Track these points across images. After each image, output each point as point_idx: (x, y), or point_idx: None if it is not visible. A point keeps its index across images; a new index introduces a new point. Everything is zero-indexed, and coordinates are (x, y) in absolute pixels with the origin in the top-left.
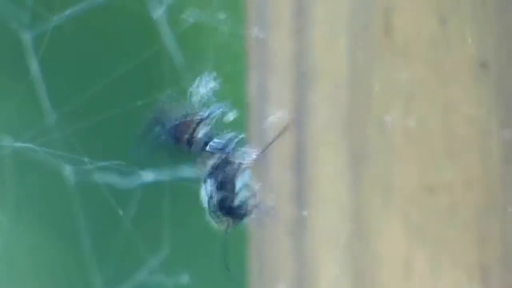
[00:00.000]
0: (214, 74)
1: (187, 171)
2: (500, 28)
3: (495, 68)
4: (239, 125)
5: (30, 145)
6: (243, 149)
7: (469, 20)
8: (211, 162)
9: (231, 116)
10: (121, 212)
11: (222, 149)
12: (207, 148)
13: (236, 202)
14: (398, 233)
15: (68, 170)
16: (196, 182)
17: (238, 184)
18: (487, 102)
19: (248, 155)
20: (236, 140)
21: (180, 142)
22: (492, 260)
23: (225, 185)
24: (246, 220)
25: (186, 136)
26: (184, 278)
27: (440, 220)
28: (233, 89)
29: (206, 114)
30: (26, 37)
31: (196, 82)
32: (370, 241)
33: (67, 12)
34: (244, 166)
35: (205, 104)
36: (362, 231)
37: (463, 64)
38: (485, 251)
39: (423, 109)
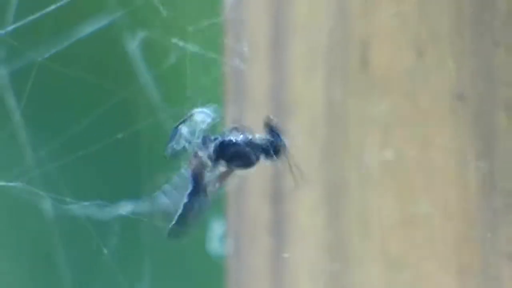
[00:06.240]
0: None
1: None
2: (476, 60)
3: (472, 99)
4: None
5: (10, 184)
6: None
7: (446, 52)
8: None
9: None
10: (105, 251)
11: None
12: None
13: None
14: (377, 265)
15: (47, 205)
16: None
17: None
18: (464, 134)
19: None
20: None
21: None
22: None
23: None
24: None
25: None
26: None
27: (419, 252)
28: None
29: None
30: (2, 73)
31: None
32: (349, 273)
33: (46, 48)
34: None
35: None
36: (341, 263)
37: (440, 96)
38: (465, 282)
39: (401, 142)
